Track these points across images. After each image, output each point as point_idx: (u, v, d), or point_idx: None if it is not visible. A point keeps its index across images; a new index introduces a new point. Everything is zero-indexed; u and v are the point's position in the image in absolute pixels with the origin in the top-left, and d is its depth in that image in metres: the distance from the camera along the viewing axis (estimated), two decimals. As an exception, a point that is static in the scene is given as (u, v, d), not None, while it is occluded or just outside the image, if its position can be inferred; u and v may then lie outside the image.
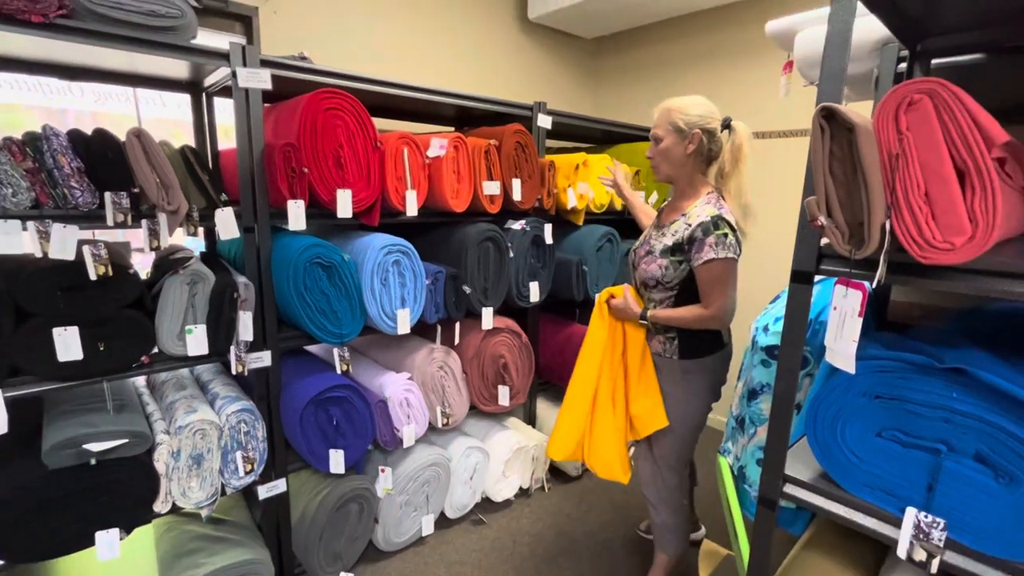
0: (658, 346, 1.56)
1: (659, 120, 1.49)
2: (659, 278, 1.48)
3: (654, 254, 1.49)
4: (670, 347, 1.54)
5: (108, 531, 1.39)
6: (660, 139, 1.48)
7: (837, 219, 0.74)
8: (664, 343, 1.55)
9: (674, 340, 1.53)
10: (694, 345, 1.53)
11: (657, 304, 1.53)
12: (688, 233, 1.42)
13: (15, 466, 1.33)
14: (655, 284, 1.51)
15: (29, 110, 1.82)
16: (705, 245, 1.39)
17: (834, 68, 0.85)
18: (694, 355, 1.53)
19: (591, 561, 1.99)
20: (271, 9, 2.24)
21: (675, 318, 1.48)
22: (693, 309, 1.46)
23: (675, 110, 1.46)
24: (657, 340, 1.56)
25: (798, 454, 1.09)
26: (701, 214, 1.43)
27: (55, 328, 1.28)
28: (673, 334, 1.53)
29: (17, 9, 1.20)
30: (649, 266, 1.50)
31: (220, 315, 1.50)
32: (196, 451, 1.50)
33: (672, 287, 1.48)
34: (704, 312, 1.43)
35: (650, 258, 1.50)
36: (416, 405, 1.95)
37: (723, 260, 1.38)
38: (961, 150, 0.66)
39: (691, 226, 1.42)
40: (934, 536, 0.82)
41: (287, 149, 1.54)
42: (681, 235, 1.44)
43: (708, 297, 1.42)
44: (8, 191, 1.24)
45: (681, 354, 1.53)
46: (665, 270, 1.47)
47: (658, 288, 1.51)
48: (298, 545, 1.79)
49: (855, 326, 0.75)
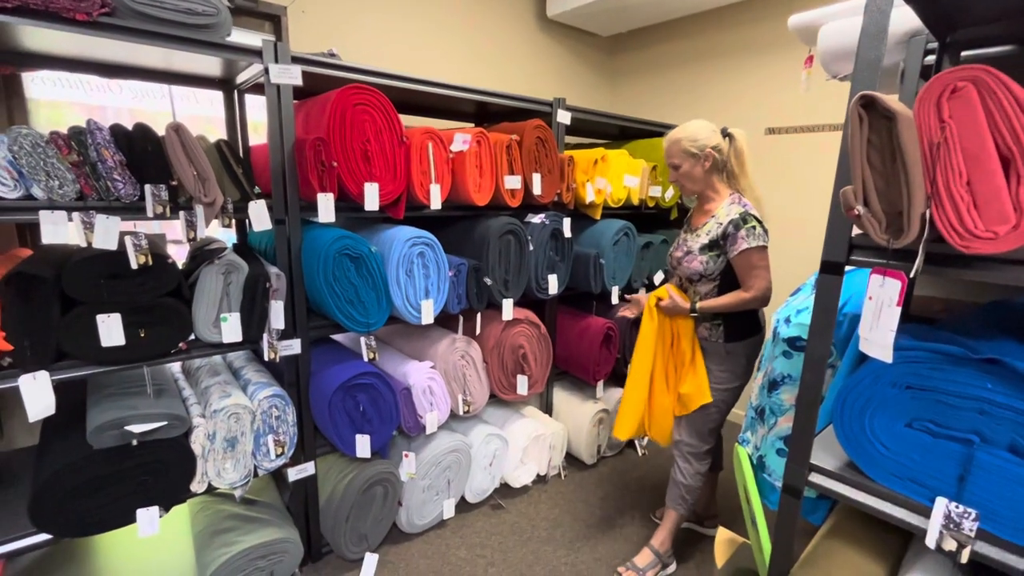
0: (705, 332, 1.76)
1: (672, 151, 1.69)
2: (702, 272, 1.69)
3: (693, 253, 1.69)
4: (716, 332, 1.73)
5: (148, 509, 1.45)
6: (679, 166, 1.69)
7: (874, 208, 0.75)
8: (711, 329, 1.74)
9: (719, 326, 1.72)
10: (736, 329, 1.72)
11: (703, 296, 1.72)
12: (721, 230, 1.63)
13: (62, 446, 1.40)
14: (699, 278, 1.71)
15: (72, 106, 1.88)
16: (738, 238, 1.59)
17: (869, 58, 0.86)
18: (736, 338, 1.72)
19: (608, 546, 2.03)
20: (299, 8, 2.28)
21: (721, 305, 1.65)
22: (736, 294, 1.64)
23: (683, 139, 1.66)
24: (704, 327, 1.75)
25: (821, 443, 1.10)
26: (730, 213, 1.63)
27: (99, 315, 1.34)
28: (719, 321, 1.72)
29: (63, 7, 1.24)
30: (691, 264, 1.70)
31: (253, 304, 1.55)
32: (230, 434, 1.55)
33: (714, 278, 1.69)
34: (746, 295, 1.62)
35: (690, 257, 1.70)
36: (439, 393, 1.99)
37: (755, 248, 1.59)
38: (1007, 138, 0.66)
39: (723, 224, 1.63)
40: (965, 526, 0.83)
41: (317, 143, 1.57)
42: (715, 233, 1.65)
43: (747, 281, 1.62)
44: (55, 183, 1.29)
45: (726, 338, 1.71)
46: (706, 265, 1.67)
47: (702, 281, 1.71)
48: (325, 525, 1.85)
49: (893, 315, 0.76)
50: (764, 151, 2.86)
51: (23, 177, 1.26)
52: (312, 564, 1.88)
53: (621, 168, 2.48)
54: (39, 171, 1.26)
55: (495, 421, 2.36)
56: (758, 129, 2.88)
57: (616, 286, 2.49)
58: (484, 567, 1.90)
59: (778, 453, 1.57)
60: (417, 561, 1.92)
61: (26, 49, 1.47)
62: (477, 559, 1.94)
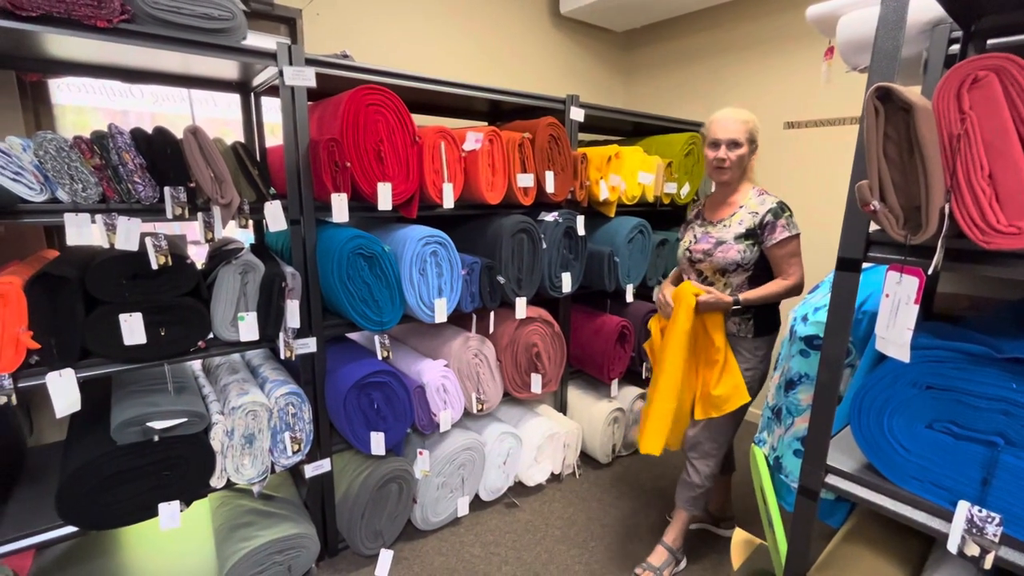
0: (733, 327, 1.71)
1: (738, 128, 1.62)
2: (739, 261, 1.65)
3: (728, 243, 1.66)
4: (745, 327, 1.70)
5: (170, 503, 1.49)
6: (740, 145, 1.63)
7: (891, 203, 0.72)
8: (740, 324, 1.70)
9: (750, 320, 1.69)
10: (764, 322, 1.71)
11: (736, 287, 1.69)
12: (759, 220, 1.63)
13: (87, 441, 1.44)
14: (735, 268, 1.67)
15: (95, 111, 1.94)
16: (778, 227, 1.60)
17: (887, 49, 0.83)
18: (765, 332, 1.71)
19: (622, 545, 2.02)
20: (313, 11, 2.31)
21: (765, 295, 1.63)
22: (777, 283, 1.63)
23: (751, 122, 1.63)
24: (732, 322, 1.71)
25: (839, 445, 1.08)
26: (764, 202, 1.64)
27: (121, 314, 1.37)
28: (749, 315, 1.69)
29: (85, 15, 1.28)
30: (727, 253, 1.65)
31: (269, 303, 1.57)
32: (248, 431, 1.58)
33: (749, 267, 1.67)
34: (788, 283, 1.62)
35: (726, 247, 1.66)
36: (452, 391, 2.00)
37: (795, 236, 1.61)
38: (1033, 129, 0.63)
39: (759, 213, 1.63)
40: (989, 531, 0.80)
41: (331, 144, 1.59)
42: (751, 222, 1.64)
43: (787, 270, 1.62)
44: (79, 186, 1.33)
45: (756, 332, 1.70)
46: (743, 254, 1.64)
47: (737, 271, 1.67)
48: (341, 522, 1.87)
49: (910, 313, 0.74)
50: (783, 146, 2.80)
51: (48, 181, 1.30)
52: (329, 559, 1.91)
53: (635, 165, 2.46)
54: (63, 175, 1.30)
55: (509, 419, 2.37)
56: (776, 123, 2.82)
57: (631, 284, 2.47)
58: (498, 565, 1.91)
59: (795, 454, 1.54)
60: (432, 558, 1.93)
61: (52, 56, 1.52)
62: (491, 557, 1.95)
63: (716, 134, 1.65)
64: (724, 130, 1.63)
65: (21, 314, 1.25)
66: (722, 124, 1.64)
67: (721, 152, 1.64)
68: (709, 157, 1.68)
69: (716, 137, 1.65)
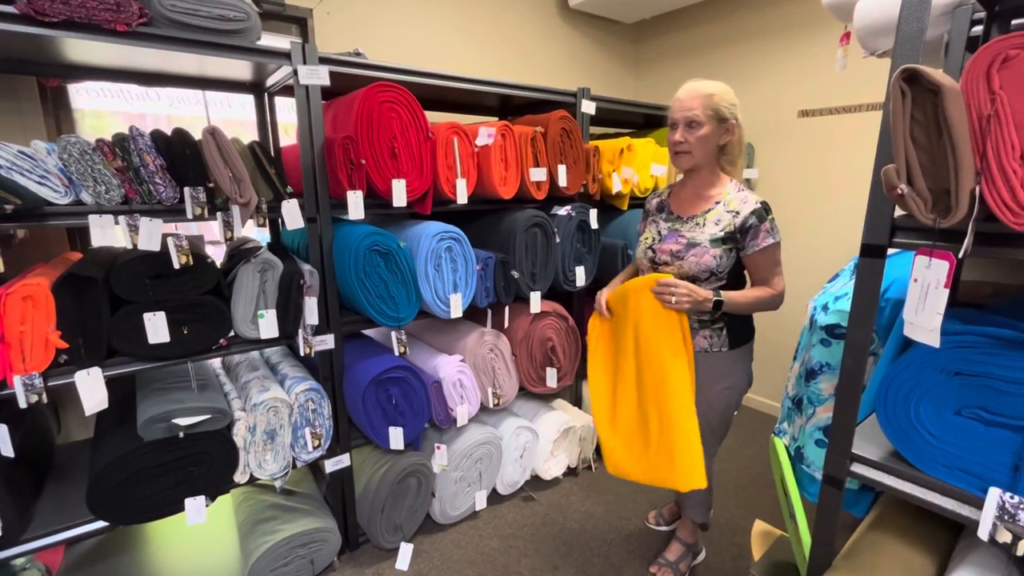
0: (704, 342, 1.50)
1: (695, 104, 1.39)
2: (714, 268, 1.43)
3: (703, 246, 1.43)
4: (718, 340, 1.49)
5: (196, 498, 1.51)
6: (700, 124, 1.39)
7: (919, 187, 0.71)
8: (711, 337, 1.49)
9: (722, 331, 1.49)
10: (739, 333, 1.52)
11: None
12: (739, 221, 1.41)
13: (115, 438, 1.48)
14: (708, 276, 1.44)
15: (113, 115, 1.97)
16: (761, 231, 1.40)
17: (911, 31, 0.82)
18: (740, 343, 1.52)
19: (640, 539, 2.02)
20: (324, 10, 2.32)
21: (749, 301, 1.42)
22: (764, 290, 1.43)
23: (716, 95, 1.38)
24: (702, 335, 1.50)
25: (863, 433, 1.07)
26: (747, 201, 1.42)
27: (145, 313, 1.40)
28: (721, 325, 1.48)
29: (104, 20, 1.30)
30: (701, 258, 1.42)
31: (288, 300, 1.59)
32: (270, 427, 1.61)
33: (723, 276, 1.45)
34: (775, 292, 1.43)
35: (699, 250, 1.43)
36: (468, 386, 2.01)
37: (778, 244, 1.43)
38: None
39: (739, 214, 1.41)
40: (1021, 518, 0.79)
41: (346, 142, 1.60)
42: (729, 223, 1.42)
43: (770, 279, 1.44)
44: (102, 188, 1.36)
45: (731, 344, 1.50)
46: (720, 260, 1.42)
47: (711, 280, 1.45)
48: (362, 516, 1.89)
49: (940, 298, 0.73)
50: (796, 134, 2.77)
51: (73, 184, 1.33)
52: (350, 553, 1.93)
53: (648, 157, 2.44)
54: (87, 177, 1.33)
55: (525, 414, 2.37)
56: (790, 112, 2.79)
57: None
58: (517, 557, 1.92)
59: (817, 444, 1.52)
60: (451, 551, 1.95)
61: (71, 61, 1.55)
62: (510, 549, 1.96)
63: (672, 113, 1.43)
64: (680, 107, 1.40)
65: (50, 314, 1.27)
66: (678, 101, 1.41)
67: (678, 134, 1.42)
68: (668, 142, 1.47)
69: (672, 117, 1.43)
